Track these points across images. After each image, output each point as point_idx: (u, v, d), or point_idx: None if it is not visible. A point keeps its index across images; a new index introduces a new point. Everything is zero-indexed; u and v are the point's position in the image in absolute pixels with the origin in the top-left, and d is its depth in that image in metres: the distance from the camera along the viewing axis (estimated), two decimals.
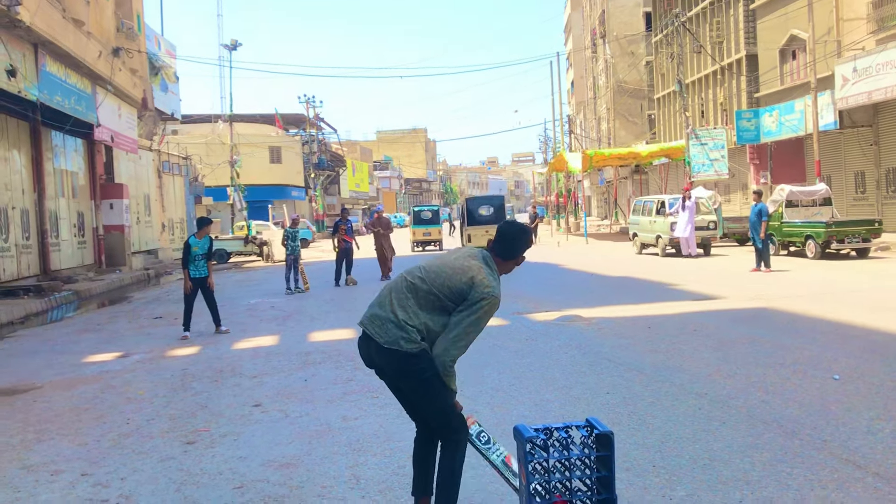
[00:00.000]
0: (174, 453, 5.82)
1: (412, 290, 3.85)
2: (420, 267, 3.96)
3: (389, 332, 3.78)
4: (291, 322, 12.87)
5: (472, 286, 3.76)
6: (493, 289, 3.80)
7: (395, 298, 3.86)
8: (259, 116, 57.19)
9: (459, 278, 3.79)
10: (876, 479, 4.54)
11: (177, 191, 36.22)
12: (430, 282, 3.82)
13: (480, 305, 3.74)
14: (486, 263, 3.93)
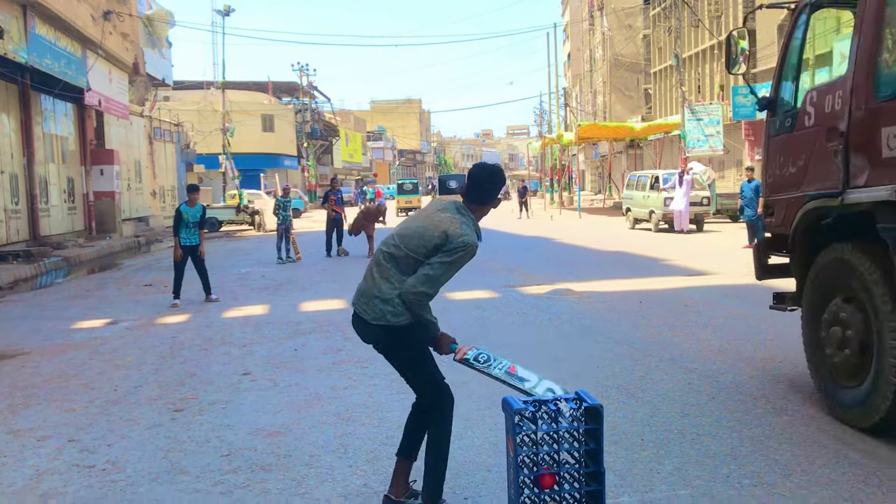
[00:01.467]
0: (162, 420, 5.80)
1: (391, 259, 3.81)
2: (393, 235, 3.91)
3: (376, 307, 3.76)
4: (282, 292, 12.83)
5: (446, 239, 3.71)
6: (468, 237, 3.74)
7: (378, 272, 3.83)
8: (252, 84, 56.70)
9: (432, 234, 3.74)
10: (862, 456, 4.55)
11: (168, 158, 35.98)
12: (406, 246, 3.78)
13: (456, 253, 3.71)
14: (459, 212, 3.86)
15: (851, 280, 5.10)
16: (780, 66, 6.32)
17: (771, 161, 6.36)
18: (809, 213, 5.51)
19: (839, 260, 5.25)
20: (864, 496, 4.01)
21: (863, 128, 4.96)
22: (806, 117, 5.73)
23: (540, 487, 3.03)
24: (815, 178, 5.51)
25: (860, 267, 4.96)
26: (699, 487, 4.19)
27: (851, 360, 5.09)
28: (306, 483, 4.48)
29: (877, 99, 4.87)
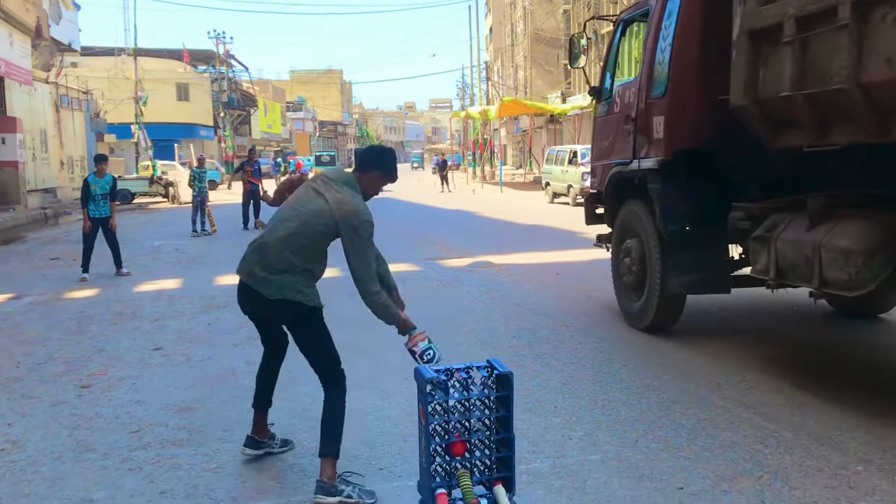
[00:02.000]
0: (67, 397, 5.60)
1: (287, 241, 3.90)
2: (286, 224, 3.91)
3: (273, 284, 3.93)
4: (196, 265, 12.53)
5: (338, 225, 3.81)
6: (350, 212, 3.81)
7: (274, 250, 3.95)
8: (166, 51, 54.72)
9: (320, 228, 3.84)
10: (763, 419, 4.74)
11: (77, 127, 34.52)
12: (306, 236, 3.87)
13: (359, 234, 3.80)
14: (348, 185, 3.92)
15: (636, 224, 7.09)
16: (604, 64, 8.28)
17: (595, 137, 8.40)
18: (614, 176, 7.50)
19: (631, 211, 7.26)
20: (763, 457, 4.18)
21: (644, 116, 6.87)
22: (615, 105, 7.71)
23: (451, 455, 3.05)
24: (619, 151, 7.47)
25: (641, 215, 6.97)
26: (609, 452, 4.31)
27: (635, 280, 7.14)
28: (218, 458, 4.41)
29: (651, 96, 6.75)
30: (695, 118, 6.38)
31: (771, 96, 5.16)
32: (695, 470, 4.04)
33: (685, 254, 6.53)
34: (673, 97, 6.51)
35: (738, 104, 5.50)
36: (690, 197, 6.46)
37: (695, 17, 6.39)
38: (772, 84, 5.15)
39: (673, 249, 6.57)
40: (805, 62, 4.82)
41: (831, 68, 4.53)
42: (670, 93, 6.54)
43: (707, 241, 6.47)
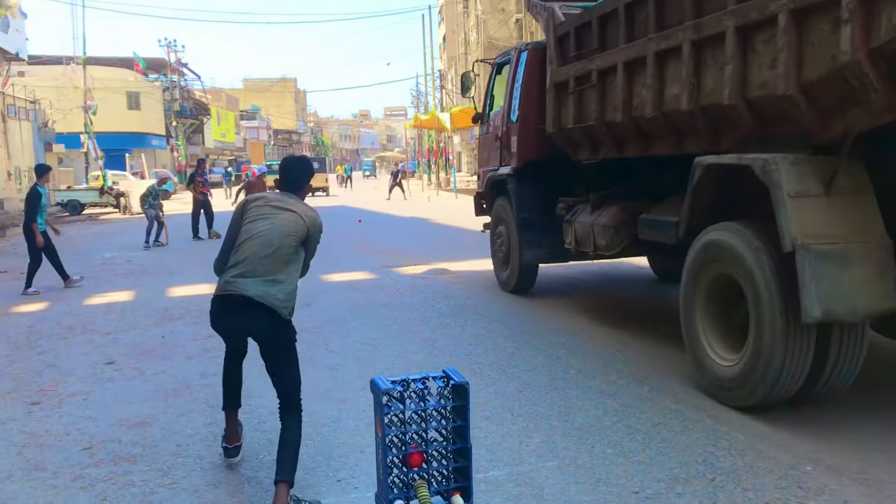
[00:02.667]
0: (16, 415, 5.47)
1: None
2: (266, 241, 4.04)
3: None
4: (149, 277, 12.34)
5: (309, 239, 4.16)
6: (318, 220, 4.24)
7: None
8: (116, 60, 53.76)
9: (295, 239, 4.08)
10: (715, 422, 4.83)
11: (24, 137, 33.73)
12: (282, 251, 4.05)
13: (317, 239, 4.27)
14: (298, 200, 4.27)
15: (504, 214, 9.57)
16: (485, 98, 10.58)
17: (479, 151, 11.24)
18: (489, 179, 9.96)
19: (500, 204, 9.71)
20: (715, 459, 4.27)
21: (506, 136, 9.34)
22: (490, 127, 10.17)
23: (408, 466, 3.05)
24: (492, 161, 9.94)
25: (506, 207, 9.44)
26: (565, 458, 4.35)
27: (504, 255, 9.63)
28: (173, 473, 4.35)
29: (509, 122, 9.20)
30: (535, 139, 8.74)
31: (565, 127, 7.90)
32: (650, 473, 4.10)
33: (534, 234, 8.94)
34: (522, 124, 8.93)
35: (550, 132, 8.26)
36: (535, 194, 8.98)
37: (534, 70, 8.78)
38: (565, 119, 7.87)
39: (526, 232, 9.01)
40: (581, 105, 7.53)
41: (590, 111, 7.27)
42: (520, 121, 8.95)
43: (548, 226, 8.72)
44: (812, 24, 4.50)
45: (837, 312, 4.42)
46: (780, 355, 4.66)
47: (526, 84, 8.89)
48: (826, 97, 4.56)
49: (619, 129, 6.93)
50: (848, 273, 4.46)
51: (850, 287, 4.45)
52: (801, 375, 4.77)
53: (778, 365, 4.68)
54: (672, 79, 5.95)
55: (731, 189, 5.48)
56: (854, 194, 4.63)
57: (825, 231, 4.50)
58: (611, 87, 6.87)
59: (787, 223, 4.49)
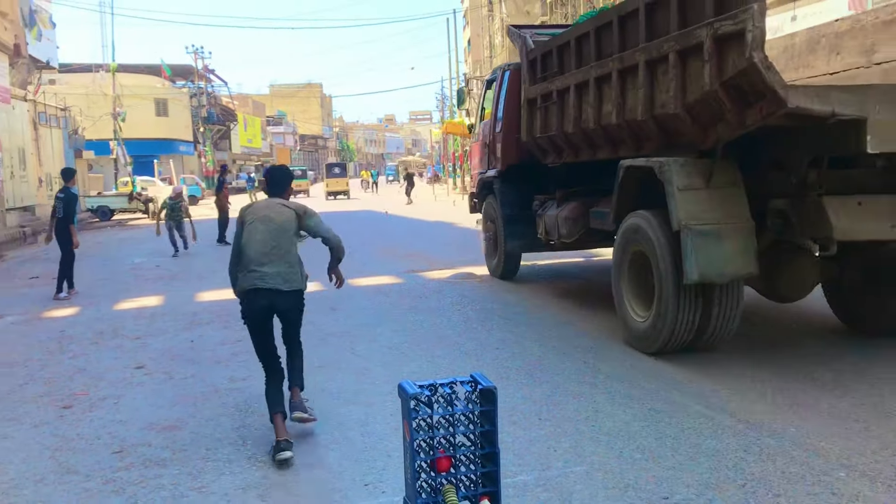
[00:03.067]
0: (49, 418, 5.55)
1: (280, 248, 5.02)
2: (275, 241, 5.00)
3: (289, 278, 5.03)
4: (177, 282, 12.46)
5: (304, 212, 5.21)
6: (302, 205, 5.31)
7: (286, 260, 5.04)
8: (144, 67, 54.46)
9: (293, 225, 5.11)
10: (746, 427, 4.78)
11: (55, 144, 34.23)
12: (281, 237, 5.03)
13: (315, 213, 5.31)
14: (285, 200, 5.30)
15: (491, 210, 11.06)
16: (477, 110, 12.28)
17: (471, 156, 13.13)
18: (479, 181, 11.54)
19: (489, 202, 11.20)
20: (746, 464, 4.21)
21: (493, 144, 10.83)
22: (480, 136, 11.71)
23: (436, 471, 3.04)
24: (483, 165, 11.48)
25: (494, 204, 10.86)
26: (594, 463, 4.32)
27: (492, 246, 11.14)
28: (203, 477, 4.38)
29: (495, 131, 10.66)
30: (515, 146, 10.13)
31: (535, 136, 9.31)
32: (679, 479, 4.07)
33: (515, 227, 10.27)
34: (504, 133, 10.39)
35: (524, 140, 9.72)
36: (516, 193, 10.38)
37: (513, 88, 10.23)
38: (535, 129, 9.29)
39: (508, 225, 10.37)
40: (546, 118, 8.97)
41: (553, 123, 8.69)
42: (503, 130, 10.44)
43: (527, 220, 9.98)
44: (689, 62, 6.01)
45: (710, 276, 5.88)
46: (674, 311, 6.16)
47: (507, 99, 10.42)
48: (702, 115, 6.04)
49: (573, 139, 8.42)
50: (720, 247, 5.87)
51: (720, 257, 5.87)
52: (692, 327, 6.25)
53: (672, 319, 6.18)
54: (606, 98, 7.43)
55: (643, 185, 6.75)
56: (727, 187, 6.08)
57: (704, 215, 5.94)
58: (566, 103, 8.35)
59: (676, 209, 5.97)
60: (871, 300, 6.89)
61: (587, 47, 7.92)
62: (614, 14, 7.35)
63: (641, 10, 6.72)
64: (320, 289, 10.91)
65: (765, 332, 7.36)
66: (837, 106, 5.27)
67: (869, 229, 5.86)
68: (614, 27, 7.33)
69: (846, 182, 6.01)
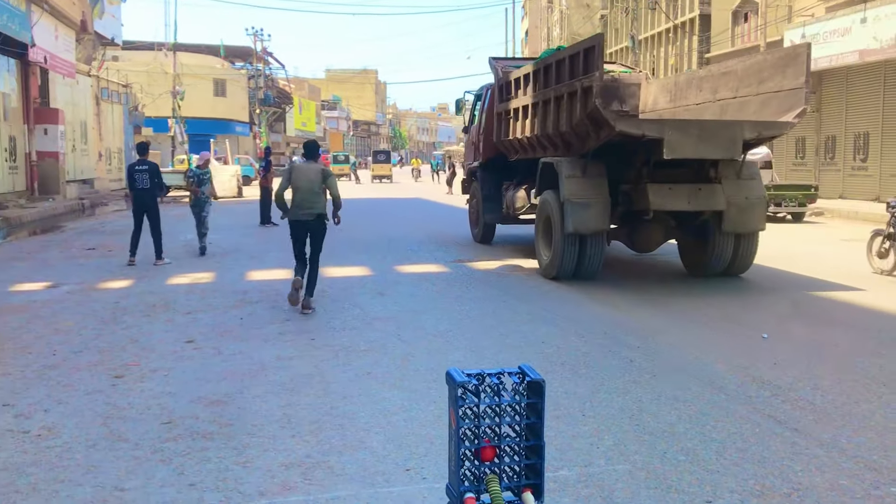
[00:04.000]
0: (101, 387, 5.69)
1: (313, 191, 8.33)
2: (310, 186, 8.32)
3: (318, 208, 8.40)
4: (229, 259, 12.66)
5: (326, 176, 8.41)
6: (325, 167, 8.70)
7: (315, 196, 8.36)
8: (204, 47, 55.33)
9: (317, 174, 8.38)
10: (794, 434, 4.69)
11: (115, 119, 35.04)
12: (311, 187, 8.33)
13: (332, 174, 8.57)
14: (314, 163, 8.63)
15: (475, 192, 14.69)
16: (470, 116, 15.70)
17: (465, 151, 16.82)
18: (468, 170, 15.45)
19: (474, 186, 14.80)
20: (793, 473, 4.13)
21: (477, 142, 14.59)
22: (470, 136, 15.44)
23: (480, 460, 3.04)
24: (472, 158, 15.14)
25: (477, 187, 14.50)
26: (637, 463, 4.28)
27: (475, 218, 14.88)
28: (248, 452, 4.46)
29: (480, 133, 14.36)
30: (491, 145, 13.66)
31: (502, 139, 12.84)
32: (723, 484, 4.01)
33: (490, 204, 13.96)
34: (485, 135, 14.07)
35: (495, 142, 13.23)
36: (491, 179, 14.01)
37: (492, 103, 13.74)
38: (501, 134, 12.81)
39: (486, 203, 14.06)
40: (507, 127, 12.50)
41: (510, 131, 12.34)
42: (483, 133, 14.17)
43: (498, 199, 13.69)
44: (572, 101, 9.72)
45: (580, 229, 9.60)
46: (561, 251, 9.92)
47: (487, 111, 14.14)
48: (579, 133, 9.74)
49: (522, 143, 12.10)
50: (587, 212, 9.59)
51: (586, 218, 9.58)
52: (573, 261, 9.97)
53: (560, 255, 9.95)
54: (535, 118, 11.27)
55: (551, 174, 10.44)
56: (595, 177, 9.78)
57: (579, 193, 9.67)
58: (517, 119, 12.21)
59: (563, 189, 9.75)
60: (699, 255, 10.62)
61: (527, 83, 11.80)
62: (542, 64, 11.25)
63: (553, 65, 10.63)
64: (369, 273, 11.02)
65: (835, 339, 7.21)
66: (646, 130, 9.09)
67: (673, 203, 9.69)
68: (541, 72, 11.08)
69: (662, 175, 9.77)
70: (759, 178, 10.27)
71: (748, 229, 10.06)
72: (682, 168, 9.74)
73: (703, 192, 9.70)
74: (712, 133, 9.29)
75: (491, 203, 13.83)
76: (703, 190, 9.70)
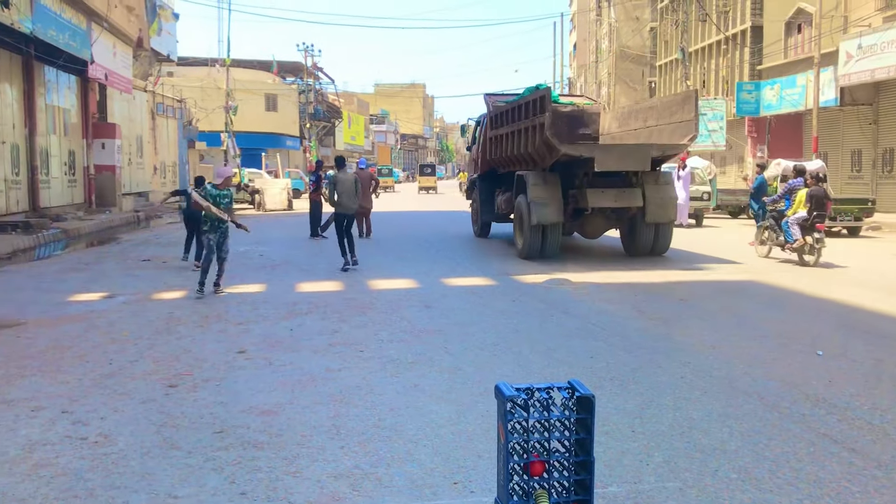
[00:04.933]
0: (155, 395, 5.81)
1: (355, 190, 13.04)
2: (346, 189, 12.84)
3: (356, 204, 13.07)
4: (280, 271, 12.84)
5: (356, 181, 13.19)
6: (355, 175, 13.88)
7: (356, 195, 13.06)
8: (256, 63, 56.37)
9: (357, 184, 13.11)
10: (851, 455, 4.57)
11: (170, 134, 35.88)
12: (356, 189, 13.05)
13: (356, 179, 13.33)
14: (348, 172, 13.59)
15: (475, 196, 19.14)
16: (471, 137, 20.59)
17: (468, 165, 22.77)
18: (470, 180, 20.60)
19: (475, 193, 19.17)
20: (850, 495, 4.03)
21: (477, 158, 19.09)
22: (474, 153, 19.87)
23: (529, 475, 3.04)
24: (472, 171, 20.18)
25: (476, 193, 18.90)
26: (687, 480, 4.22)
27: (475, 217, 19.30)
28: (297, 462, 4.51)
29: (479, 152, 18.67)
30: (486, 162, 17.75)
31: (491, 157, 17.33)
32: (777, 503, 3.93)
33: (486, 207, 17.83)
34: (482, 153, 18.04)
35: (488, 159, 17.57)
36: (487, 187, 17.77)
37: (487, 128, 17.50)
38: (490, 154, 17.36)
39: (483, 205, 17.95)
40: (495, 148, 16.86)
41: (496, 151, 16.70)
42: (481, 152, 18.05)
43: (492, 202, 17.48)
44: (533, 130, 13.63)
45: (542, 221, 13.37)
46: (529, 238, 13.63)
47: (483, 134, 18.17)
48: (540, 153, 13.51)
49: (505, 160, 16.07)
50: (546, 209, 13.30)
51: (546, 214, 13.32)
52: (538, 247, 13.63)
53: (528, 242, 13.69)
54: (511, 142, 14.98)
55: (523, 183, 13.87)
56: (552, 185, 13.56)
57: (541, 195, 13.39)
58: (502, 142, 15.99)
59: (529, 193, 13.48)
60: (632, 240, 14.52)
61: (508, 116, 15.66)
62: (515, 104, 15.15)
63: (523, 106, 14.43)
64: (415, 286, 11.08)
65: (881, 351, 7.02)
66: (582, 152, 13.32)
67: (604, 202, 13.56)
68: (516, 110, 14.97)
69: (598, 182, 13.59)
70: (672, 184, 14.65)
71: (663, 220, 14.00)
72: (612, 177, 13.67)
73: (626, 193, 13.63)
74: (629, 153, 13.61)
75: (487, 206, 17.97)
76: (626, 192, 13.64)
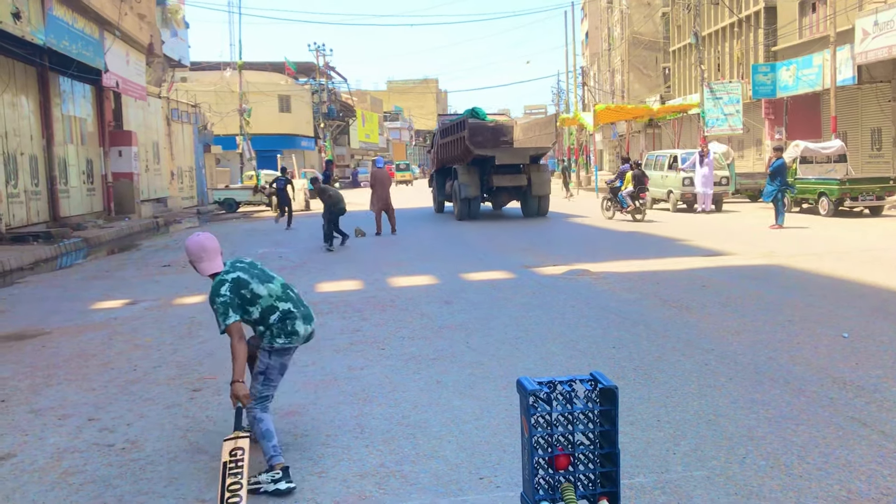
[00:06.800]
0: (180, 400, 5.85)
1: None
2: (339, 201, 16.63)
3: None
4: (299, 272, 12.87)
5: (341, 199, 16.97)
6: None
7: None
8: (268, 64, 56.59)
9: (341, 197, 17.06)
10: (881, 438, 4.52)
11: (186, 139, 36.08)
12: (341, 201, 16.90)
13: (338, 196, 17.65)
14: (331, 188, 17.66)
15: (434, 185, 28.07)
16: (431, 142, 30.45)
17: (431, 162, 29.81)
18: (430, 173, 30.34)
19: (434, 182, 27.91)
20: (882, 478, 3.98)
21: (435, 158, 27.21)
22: (432, 153, 28.30)
23: (555, 468, 3.02)
24: (433, 166, 28.47)
25: (434, 183, 27.87)
26: (715, 469, 4.19)
27: (434, 197, 28.07)
28: (323, 462, 4.51)
29: (435, 153, 27.06)
30: (439, 160, 25.79)
31: (441, 158, 25.68)
32: (807, 490, 3.88)
33: (441, 191, 26.38)
34: (436, 154, 26.39)
35: (440, 158, 25.76)
36: (441, 179, 26.50)
37: (438, 137, 26.44)
38: (441, 156, 25.64)
39: (439, 190, 26.71)
40: (442, 152, 25.36)
41: (443, 154, 25.36)
42: (436, 153, 26.32)
43: (444, 188, 26.07)
44: (460, 140, 22.66)
45: (467, 196, 22.40)
46: (460, 206, 22.89)
47: (436, 141, 26.18)
48: (464, 154, 22.47)
49: (447, 159, 24.59)
50: (469, 189, 22.43)
51: (469, 191, 22.40)
52: (465, 212, 22.66)
53: (459, 209, 22.90)
54: (448, 149, 24.37)
55: (455, 173, 23.43)
56: (473, 173, 22.69)
57: (466, 180, 22.50)
58: (445, 147, 24.57)
59: (458, 179, 22.76)
60: (525, 206, 23.37)
61: (448, 131, 24.21)
62: (450, 123, 24.43)
63: (457, 124, 23.32)
64: (435, 282, 11.07)
65: None
66: (487, 153, 22.00)
67: (504, 183, 22.57)
68: (453, 127, 23.75)
69: (501, 170, 22.42)
70: (548, 171, 23.84)
71: (542, 193, 22.69)
72: (509, 168, 22.40)
73: (518, 177, 22.44)
74: (517, 153, 22.60)
75: (440, 190, 26.22)
76: (518, 177, 22.44)
